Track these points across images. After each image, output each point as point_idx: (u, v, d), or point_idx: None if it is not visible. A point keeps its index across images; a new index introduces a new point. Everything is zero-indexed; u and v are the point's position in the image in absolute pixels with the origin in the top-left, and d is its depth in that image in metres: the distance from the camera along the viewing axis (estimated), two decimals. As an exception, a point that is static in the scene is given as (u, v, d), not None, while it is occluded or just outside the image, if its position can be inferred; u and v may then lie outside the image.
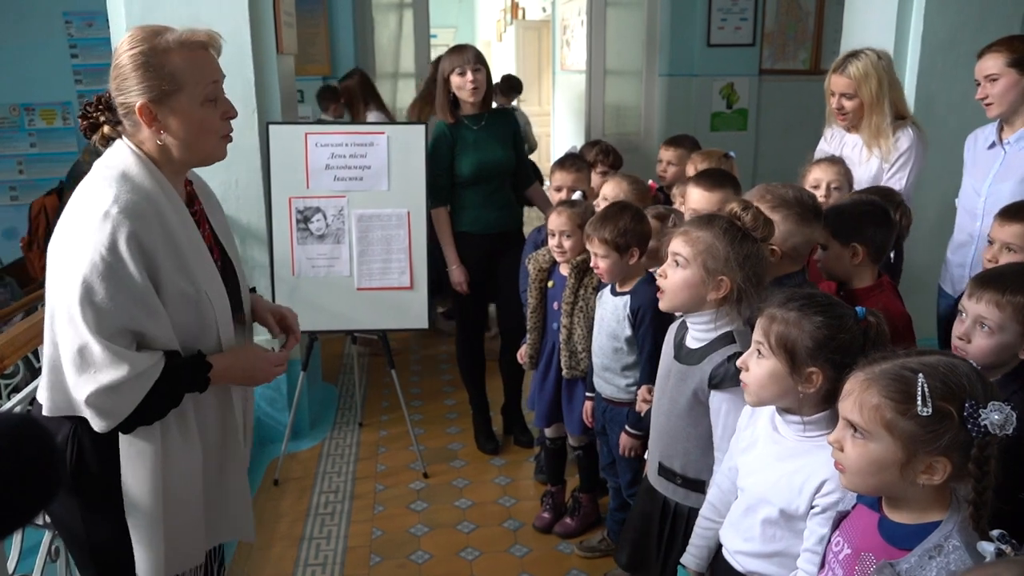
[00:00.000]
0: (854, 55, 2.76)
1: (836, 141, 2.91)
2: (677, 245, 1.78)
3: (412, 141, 3.13)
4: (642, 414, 2.21)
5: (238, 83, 3.14)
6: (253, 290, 1.89)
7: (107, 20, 3.23)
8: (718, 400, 1.78)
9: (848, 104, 2.77)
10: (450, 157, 3.24)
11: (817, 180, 2.56)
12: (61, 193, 5.27)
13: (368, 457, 3.41)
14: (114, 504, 1.52)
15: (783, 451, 1.51)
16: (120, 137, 1.55)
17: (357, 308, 3.18)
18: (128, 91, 1.50)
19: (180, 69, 1.50)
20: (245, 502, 1.76)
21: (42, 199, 5.35)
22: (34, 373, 2.13)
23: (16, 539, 1.87)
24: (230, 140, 1.61)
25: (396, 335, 4.30)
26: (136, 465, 1.51)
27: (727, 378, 1.74)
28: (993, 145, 2.62)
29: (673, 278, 1.79)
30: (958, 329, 1.66)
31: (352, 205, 3.13)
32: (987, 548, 1.08)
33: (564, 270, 2.70)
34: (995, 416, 1.11)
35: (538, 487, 3.14)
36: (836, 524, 1.33)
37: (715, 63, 5.79)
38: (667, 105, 5.88)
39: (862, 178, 2.76)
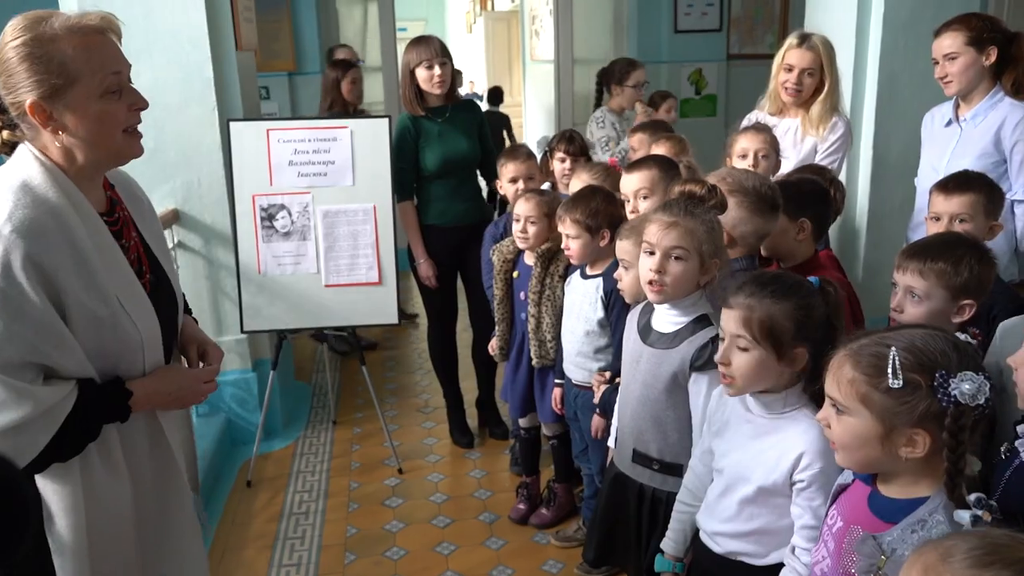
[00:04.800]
0: (810, 34, 2.81)
1: None
2: (674, 239, 1.74)
3: (376, 135, 3.11)
4: (596, 398, 2.23)
5: (197, 81, 3.13)
6: (188, 312, 1.73)
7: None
8: (700, 382, 1.78)
9: (808, 81, 2.82)
10: (415, 151, 3.23)
11: (744, 150, 2.58)
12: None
13: (342, 455, 3.40)
14: (44, 546, 1.39)
15: (757, 429, 1.54)
16: (23, 142, 1.39)
17: (326, 305, 3.16)
18: (17, 88, 1.33)
19: (71, 59, 1.32)
20: (194, 539, 1.61)
21: None
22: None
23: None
24: (140, 135, 1.44)
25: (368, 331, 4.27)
26: (56, 504, 1.37)
27: (710, 360, 1.74)
28: (950, 123, 2.64)
29: (676, 271, 1.75)
30: (892, 301, 1.73)
31: (317, 201, 3.11)
32: (963, 516, 1.10)
33: (529, 259, 2.70)
34: (965, 386, 1.12)
35: (514, 479, 3.13)
36: (834, 498, 1.35)
37: (683, 49, 5.78)
38: (637, 92, 5.87)
39: (794, 162, 2.81)
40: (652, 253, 1.77)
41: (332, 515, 2.96)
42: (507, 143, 6.59)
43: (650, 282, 1.78)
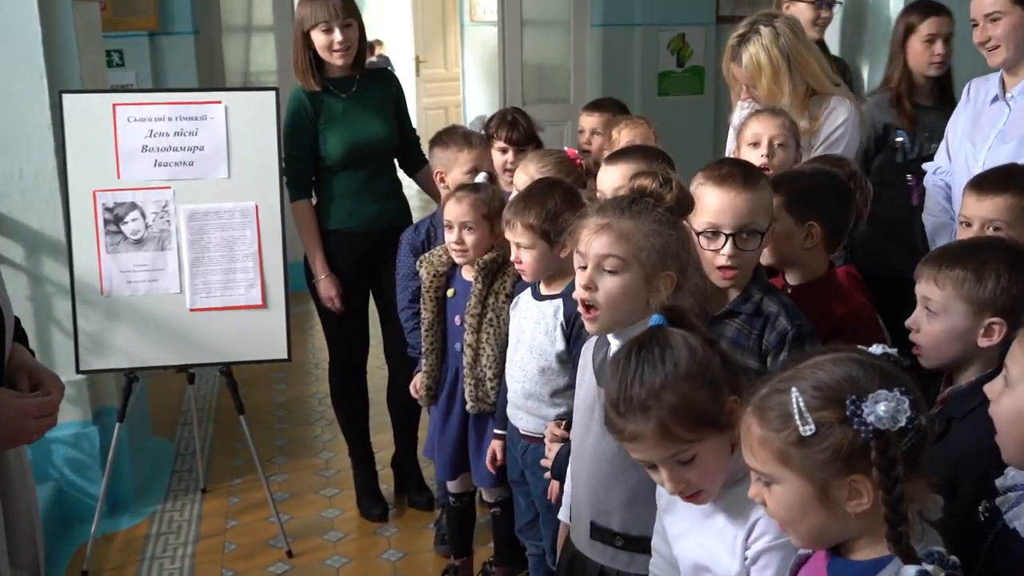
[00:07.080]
0: (746, 36, 2.87)
1: None
2: (605, 245, 1.75)
3: (260, 113, 3.14)
4: (550, 455, 2.24)
5: (18, 40, 3.14)
6: (22, 339, 1.71)
7: None
8: None
9: (756, 93, 2.91)
10: (313, 134, 3.25)
11: (757, 136, 2.61)
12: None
13: (213, 534, 3.37)
14: None
15: (708, 505, 1.55)
16: None
17: (192, 335, 3.16)
18: None
19: None
20: None
21: None
22: None
23: None
24: None
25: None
26: None
27: None
28: (996, 99, 2.72)
29: (609, 287, 1.76)
30: (910, 318, 1.78)
31: (180, 199, 3.10)
32: (909, 572, 1.14)
33: (468, 274, 2.69)
34: (880, 408, 1.15)
35: (439, 561, 3.14)
36: (794, 572, 1.38)
37: (661, 10, 5.89)
38: (603, 63, 5.99)
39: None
40: (584, 267, 1.79)
41: (197, 615, 2.93)
42: None
43: (582, 301, 1.79)
